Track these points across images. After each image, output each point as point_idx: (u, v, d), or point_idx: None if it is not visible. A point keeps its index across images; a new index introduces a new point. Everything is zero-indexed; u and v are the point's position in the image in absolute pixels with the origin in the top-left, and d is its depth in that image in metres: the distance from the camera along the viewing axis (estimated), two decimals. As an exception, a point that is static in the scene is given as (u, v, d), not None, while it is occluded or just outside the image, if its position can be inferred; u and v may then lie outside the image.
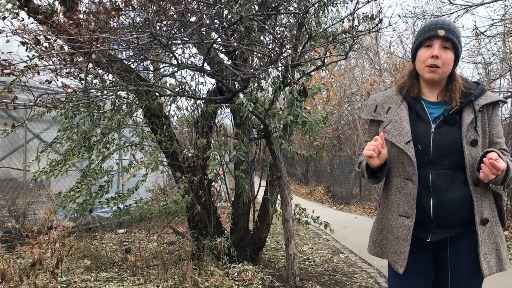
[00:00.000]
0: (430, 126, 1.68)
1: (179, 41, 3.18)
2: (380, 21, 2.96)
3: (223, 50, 4.26)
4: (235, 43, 3.59)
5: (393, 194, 1.74)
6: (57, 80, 2.60)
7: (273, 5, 3.78)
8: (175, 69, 3.75)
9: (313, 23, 4.00)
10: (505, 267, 1.65)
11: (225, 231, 4.59)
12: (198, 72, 4.00)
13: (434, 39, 1.66)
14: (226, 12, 3.44)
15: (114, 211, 4.37)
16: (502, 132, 1.71)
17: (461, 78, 1.75)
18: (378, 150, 1.61)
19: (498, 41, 8.77)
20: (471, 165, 1.62)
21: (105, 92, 3.23)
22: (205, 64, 3.64)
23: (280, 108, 3.98)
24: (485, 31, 8.27)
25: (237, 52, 3.91)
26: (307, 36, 3.06)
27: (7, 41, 2.38)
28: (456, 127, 1.66)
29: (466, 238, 1.66)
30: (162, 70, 4.31)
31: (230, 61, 4.18)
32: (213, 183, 4.72)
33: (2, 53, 2.39)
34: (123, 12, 2.67)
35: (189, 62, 3.75)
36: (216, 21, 3.44)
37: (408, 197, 1.67)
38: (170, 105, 4.34)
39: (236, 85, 3.68)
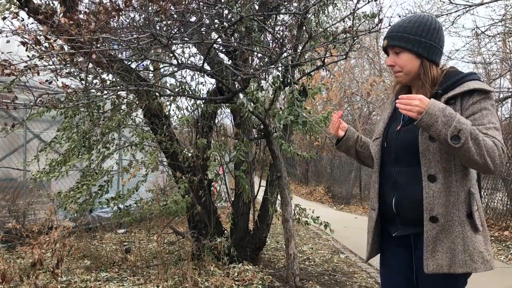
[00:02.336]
0: (398, 125, 1.74)
1: (179, 41, 3.18)
2: (381, 21, 2.96)
3: (223, 50, 4.26)
4: (235, 43, 3.59)
5: (371, 189, 1.84)
6: (57, 80, 2.61)
7: (273, 5, 3.78)
8: (175, 69, 3.75)
9: (313, 23, 4.00)
10: (458, 270, 1.54)
11: (225, 231, 4.59)
12: (198, 72, 4.01)
13: (387, 49, 1.74)
14: (226, 12, 3.45)
15: (114, 212, 4.37)
16: (485, 119, 1.54)
17: (445, 71, 1.68)
18: (336, 126, 1.93)
19: (498, 41, 8.78)
20: (427, 159, 1.58)
21: (105, 92, 3.23)
22: (205, 64, 3.65)
23: (280, 108, 3.97)
24: (485, 31, 8.27)
25: (237, 52, 3.91)
26: (307, 36, 3.06)
27: (7, 41, 2.38)
28: None
29: None
30: (162, 70, 4.31)
31: (230, 61, 4.18)
32: (213, 183, 4.72)
33: (2, 53, 2.39)
34: (123, 12, 2.66)
35: (189, 62, 3.76)
36: (216, 21, 3.44)
37: (375, 191, 1.77)
38: (170, 105, 4.34)
39: (236, 85, 3.68)
